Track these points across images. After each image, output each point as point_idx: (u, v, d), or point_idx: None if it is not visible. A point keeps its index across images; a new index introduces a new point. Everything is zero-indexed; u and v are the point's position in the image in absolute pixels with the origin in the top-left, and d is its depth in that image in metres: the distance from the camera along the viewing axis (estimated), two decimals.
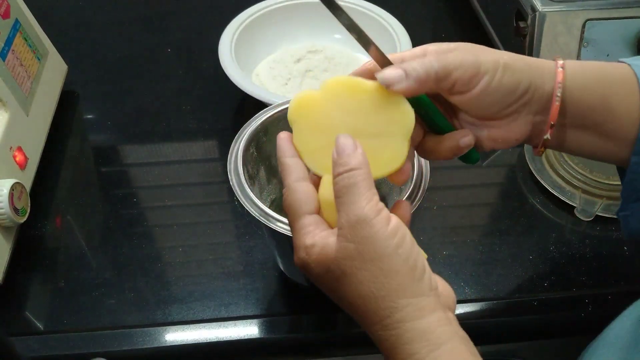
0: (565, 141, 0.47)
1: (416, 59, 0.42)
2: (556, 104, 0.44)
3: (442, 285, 0.40)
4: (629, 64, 0.45)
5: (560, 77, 0.44)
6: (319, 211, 0.42)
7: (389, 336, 0.38)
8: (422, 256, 0.40)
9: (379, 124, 0.43)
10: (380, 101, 0.42)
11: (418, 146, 0.47)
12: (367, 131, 0.42)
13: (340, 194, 0.39)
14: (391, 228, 0.38)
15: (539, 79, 0.44)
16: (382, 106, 0.42)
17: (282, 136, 0.44)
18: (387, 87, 0.42)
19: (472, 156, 0.47)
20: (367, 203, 0.38)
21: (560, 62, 0.45)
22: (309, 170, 0.44)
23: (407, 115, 0.43)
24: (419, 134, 0.46)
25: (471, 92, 0.43)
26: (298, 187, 0.42)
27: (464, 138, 0.45)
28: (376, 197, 0.39)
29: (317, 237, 0.40)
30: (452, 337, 0.38)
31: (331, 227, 0.41)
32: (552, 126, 0.45)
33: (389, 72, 0.42)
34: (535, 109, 0.45)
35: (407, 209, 0.45)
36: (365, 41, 0.43)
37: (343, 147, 0.40)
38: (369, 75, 0.45)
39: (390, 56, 0.44)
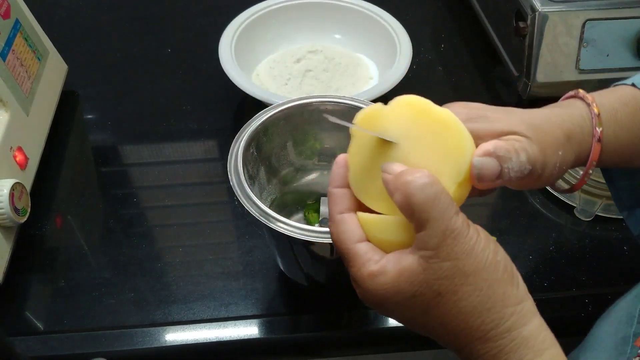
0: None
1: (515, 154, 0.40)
2: (589, 172, 0.46)
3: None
4: None
5: (595, 156, 0.44)
6: (368, 240, 0.40)
7: (490, 348, 0.37)
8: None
9: (433, 158, 0.39)
10: (441, 134, 0.39)
11: None
12: (420, 163, 0.39)
13: (424, 208, 0.36)
14: (484, 237, 0.37)
15: (578, 149, 0.44)
16: (442, 141, 0.39)
17: (339, 161, 0.42)
18: (475, 179, 0.39)
19: None
20: (457, 214, 0.37)
21: (599, 130, 0.44)
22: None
23: (463, 158, 0.39)
24: None
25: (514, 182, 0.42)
26: (345, 217, 0.40)
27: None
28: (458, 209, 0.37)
29: (387, 264, 0.37)
30: (554, 343, 0.37)
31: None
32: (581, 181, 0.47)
33: (487, 167, 0.39)
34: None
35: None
36: None
37: (409, 169, 0.37)
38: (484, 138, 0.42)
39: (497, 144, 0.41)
